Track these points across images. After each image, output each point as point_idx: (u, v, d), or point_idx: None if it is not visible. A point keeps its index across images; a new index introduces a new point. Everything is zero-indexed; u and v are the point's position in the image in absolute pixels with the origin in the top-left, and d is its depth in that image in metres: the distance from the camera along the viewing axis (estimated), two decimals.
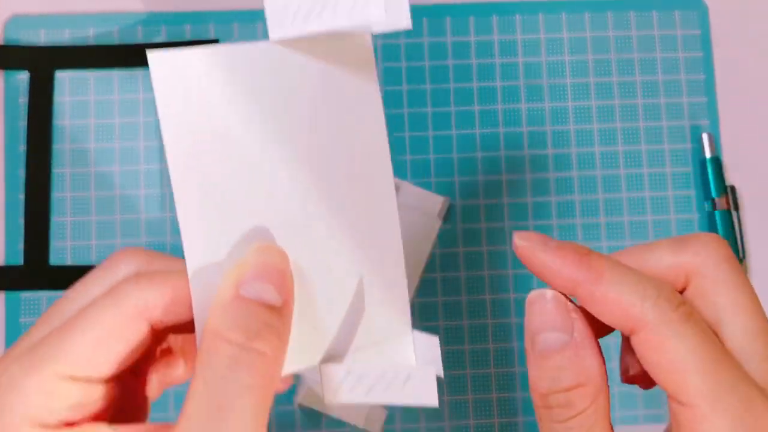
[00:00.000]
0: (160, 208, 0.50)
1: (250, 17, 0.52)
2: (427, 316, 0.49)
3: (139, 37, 0.51)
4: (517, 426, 0.49)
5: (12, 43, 0.51)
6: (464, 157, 0.51)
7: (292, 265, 0.26)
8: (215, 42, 0.51)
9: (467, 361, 0.49)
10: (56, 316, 0.27)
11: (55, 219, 0.49)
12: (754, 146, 0.53)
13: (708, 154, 0.51)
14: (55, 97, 0.50)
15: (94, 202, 0.50)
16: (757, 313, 0.26)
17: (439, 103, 0.51)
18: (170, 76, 0.24)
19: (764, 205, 0.52)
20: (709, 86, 0.53)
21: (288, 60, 0.26)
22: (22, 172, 0.50)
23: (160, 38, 0.51)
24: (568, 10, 0.53)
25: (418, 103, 0.51)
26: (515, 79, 0.52)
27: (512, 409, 0.49)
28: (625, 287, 0.25)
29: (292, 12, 0.25)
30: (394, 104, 0.51)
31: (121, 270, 0.27)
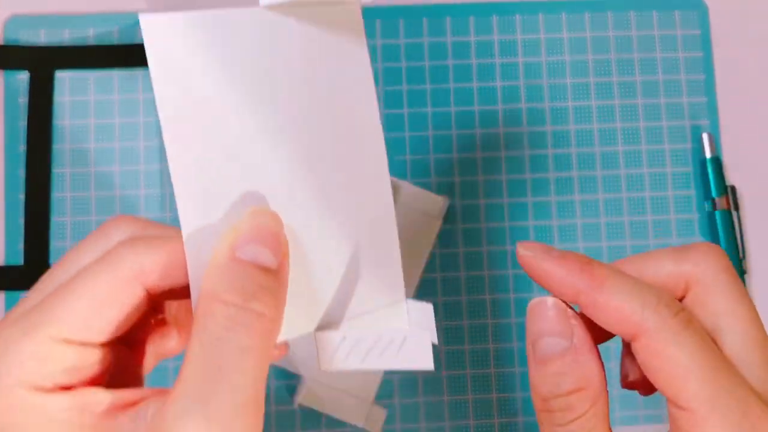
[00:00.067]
0: (160, 208, 0.50)
1: None
2: None
3: (139, 37, 0.51)
4: (517, 426, 0.49)
5: (12, 43, 0.51)
6: (464, 157, 0.51)
7: (286, 231, 0.26)
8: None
9: (467, 361, 0.49)
10: (49, 283, 0.27)
11: (55, 219, 0.49)
12: (754, 146, 0.53)
13: (708, 154, 0.51)
14: (55, 97, 0.50)
15: (94, 202, 0.50)
16: (755, 322, 0.26)
17: (439, 103, 0.51)
18: (162, 39, 0.24)
19: (764, 205, 0.52)
20: (709, 86, 0.53)
21: (278, 25, 0.26)
22: (22, 172, 0.50)
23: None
24: (568, 10, 0.53)
25: (418, 103, 0.51)
26: (515, 79, 0.52)
27: (512, 409, 0.49)
28: (625, 295, 0.25)
29: None
30: (394, 104, 0.51)
31: (114, 236, 0.27)
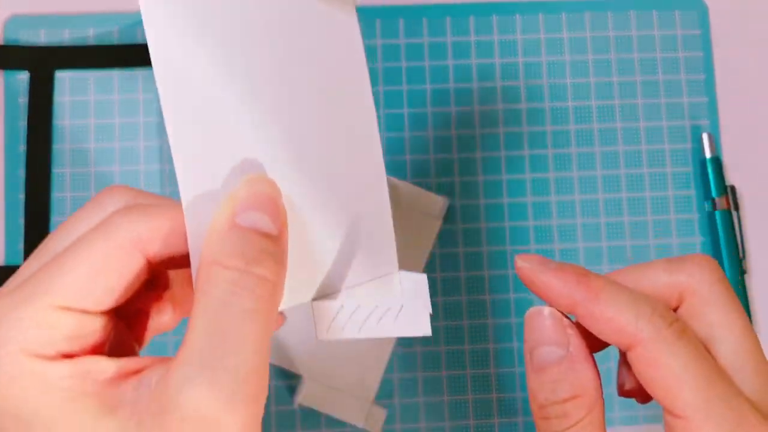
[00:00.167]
0: None
1: None
2: None
3: (139, 37, 0.51)
4: (517, 426, 0.49)
5: (12, 43, 0.51)
6: (464, 157, 0.51)
7: (284, 201, 0.26)
8: None
9: (467, 361, 0.49)
10: (45, 254, 0.26)
11: (55, 219, 0.49)
12: (754, 146, 0.53)
13: (708, 154, 0.51)
14: (55, 97, 0.50)
15: None
16: (748, 332, 0.27)
17: (439, 103, 0.51)
18: (158, 7, 0.24)
19: (764, 205, 0.52)
20: (709, 86, 0.53)
21: None
22: (22, 172, 0.50)
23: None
24: (568, 10, 0.53)
25: (417, 103, 0.51)
26: (515, 79, 0.52)
27: (512, 409, 0.49)
28: (621, 305, 0.26)
29: None
30: (394, 104, 0.51)
31: (108, 206, 0.27)
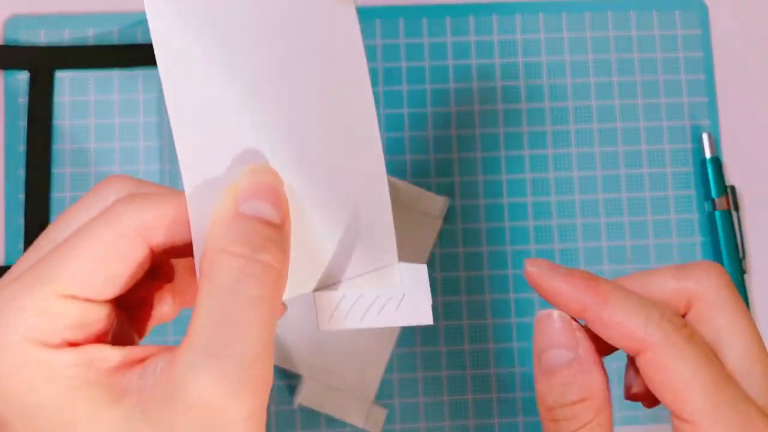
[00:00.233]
0: None
1: None
2: None
3: (139, 37, 0.51)
4: (517, 426, 0.49)
5: (12, 43, 0.51)
6: (464, 157, 0.51)
7: (286, 191, 0.26)
8: None
9: (467, 361, 0.49)
10: (47, 243, 0.26)
11: (55, 218, 0.49)
12: (754, 146, 0.53)
13: (708, 154, 0.51)
14: (55, 97, 0.50)
15: None
16: (756, 337, 0.27)
17: (438, 103, 0.51)
18: (162, 3, 0.24)
19: (764, 205, 0.52)
20: (709, 86, 0.53)
21: None
22: (22, 172, 0.50)
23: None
24: (568, 10, 0.53)
25: (418, 103, 0.51)
26: (515, 79, 0.52)
27: (512, 409, 0.49)
28: (630, 310, 0.26)
29: None
30: (394, 104, 0.51)
31: (109, 195, 0.27)
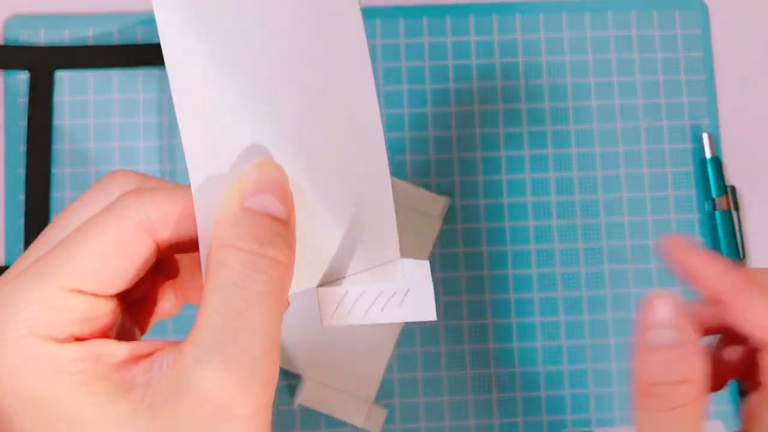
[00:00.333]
0: None
1: None
2: None
3: (139, 37, 0.51)
4: (517, 426, 0.49)
5: (12, 43, 0.51)
6: (464, 157, 0.51)
7: (291, 185, 0.26)
8: None
9: (467, 362, 0.49)
10: (52, 236, 0.26)
11: None
12: (754, 146, 0.53)
13: (708, 154, 0.51)
14: (55, 97, 0.50)
15: None
16: None
17: (438, 103, 0.51)
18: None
19: (764, 205, 0.52)
20: (709, 86, 0.53)
21: None
22: (22, 172, 0.50)
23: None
24: (568, 10, 0.53)
25: (418, 103, 0.51)
26: (515, 79, 0.52)
27: (512, 409, 0.49)
28: None
29: None
30: (394, 104, 0.51)
31: (113, 190, 0.26)
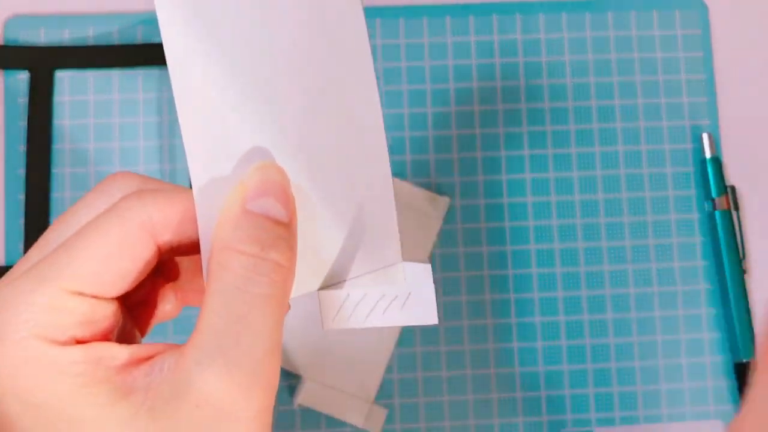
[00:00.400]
0: None
1: None
2: None
3: (139, 37, 0.51)
4: (517, 426, 0.49)
5: (12, 43, 0.51)
6: (464, 157, 0.51)
7: (292, 187, 0.26)
8: None
9: (467, 361, 0.49)
10: (53, 239, 0.26)
11: (55, 219, 0.49)
12: (754, 146, 0.53)
13: (708, 154, 0.51)
14: (55, 97, 0.50)
15: None
16: None
17: (438, 103, 0.51)
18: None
19: (764, 205, 0.52)
20: (709, 86, 0.53)
21: None
22: (22, 172, 0.50)
23: (160, 38, 0.51)
24: (568, 10, 0.53)
25: (418, 103, 0.51)
26: (515, 79, 0.52)
27: (512, 409, 0.49)
28: None
29: None
30: (394, 104, 0.51)
31: (115, 192, 0.26)
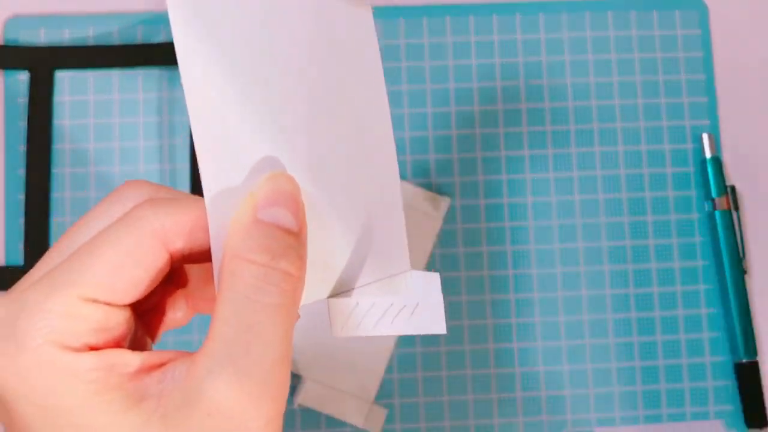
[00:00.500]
0: None
1: None
2: None
3: (139, 37, 0.51)
4: (517, 426, 0.49)
5: (12, 43, 0.51)
6: (464, 157, 0.51)
7: (303, 197, 0.26)
8: None
9: (467, 361, 0.49)
10: (66, 247, 0.26)
11: (54, 219, 0.49)
12: (754, 146, 0.53)
13: (708, 154, 0.51)
14: (55, 97, 0.50)
15: (94, 202, 0.50)
16: None
17: (439, 103, 0.51)
18: (185, 8, 0.24)
19: (764, 205, 0.52)
20: (709, 86, 0.53)
21: None
22: (22, 172, 0.50)
23: (160, 38, 0.51)
24: (568, 10, 0.53)
25: (418, 103, 0.51)
26: (515, 79, 0.52)
27: (512, 409, 0.49)
28: None
29: None
30: (394, 104, 0.51)
31: (129, 200, 0.27)
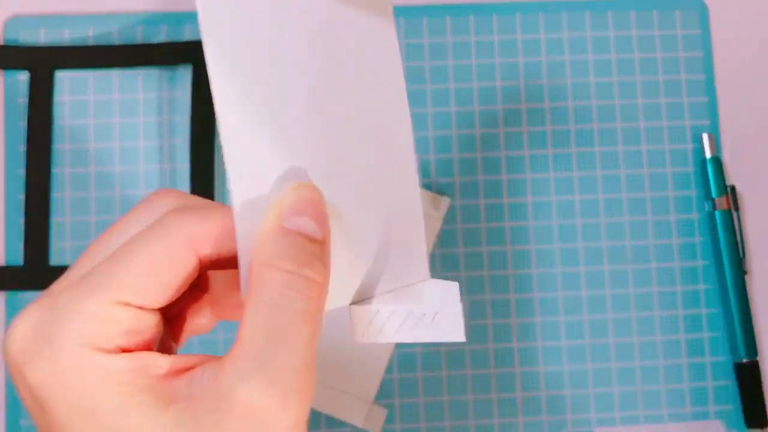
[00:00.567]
0: None
1: None
2: None
3: (139, 37, 0.51)
4: (517, 426, 0.49)
5: (12, 43, 0.51)
6: (464, 157, 0.51)
7: (327, 206, 0.27)
8: None
9: (467, 361, 0.49)
10: (99, 252, 0.27)
11: (55, 219, 0.49)
12: (754, 146, 0.53)
13: (708, 154, 0.51)
14: (55, 97, 0.50)
15: (94, 202, 0.50)
16: None
17: (439, 103, 0.51)
18: (216, 14, 0.25)
19: (764, 205, 0.52)
20: (709, 86, 0.53)
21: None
22: (22, 172, 0.50)
23: (160, 38, 0.51)
24: (568, 10, 0.53)
25: (418, 103, 0.51)
26: (515, 79, 0.52)
27: (512, 409, 0.49)
28: None
29: None
30: None
31: (159, 208, 0.27)
